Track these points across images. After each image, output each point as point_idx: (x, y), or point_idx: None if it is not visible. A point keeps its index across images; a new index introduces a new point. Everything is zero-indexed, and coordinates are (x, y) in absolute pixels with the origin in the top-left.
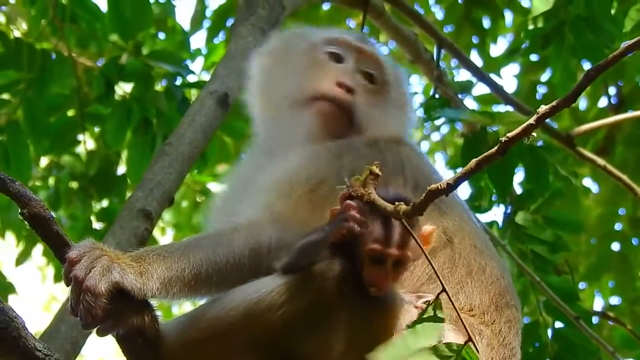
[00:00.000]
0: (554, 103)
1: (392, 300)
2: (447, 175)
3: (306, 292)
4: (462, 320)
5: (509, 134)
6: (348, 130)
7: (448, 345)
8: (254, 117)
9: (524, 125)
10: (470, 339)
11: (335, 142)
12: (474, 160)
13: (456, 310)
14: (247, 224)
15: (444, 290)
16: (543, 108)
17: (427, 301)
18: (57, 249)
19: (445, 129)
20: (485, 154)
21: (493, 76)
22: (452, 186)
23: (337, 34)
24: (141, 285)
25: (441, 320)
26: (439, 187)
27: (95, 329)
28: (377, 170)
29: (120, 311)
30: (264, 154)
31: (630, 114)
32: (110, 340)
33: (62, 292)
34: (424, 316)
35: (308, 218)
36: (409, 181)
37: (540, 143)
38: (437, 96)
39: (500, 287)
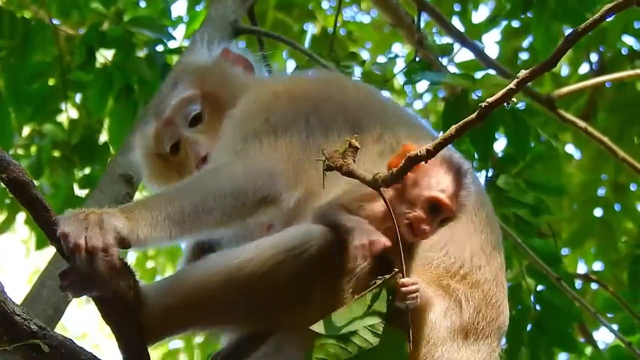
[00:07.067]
0: (534, 67)
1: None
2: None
3: (289, 262)
4: (407, 310)
5: (489, 99)
6: None
7: (385, 328)
8: None
9: (504, 90)
10: (408, 327)
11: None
12: (453, 127)
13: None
14: (214, 165)
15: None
16: (523, 72)
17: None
18: (37, 214)
19: (427, 97)
20: (465, 120)
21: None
22: (432, 152)
23: (148, 134)
24: (130, 228)
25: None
26: (419, 154)
27: (70, 291)
28: (356, 143)
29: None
30: None
31: (610, 75)
32: (94, 315)
33: (45, 263)
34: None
35: (274, 142)
36: None
37: (521, 106)
38: (418, 59)
39: (484, 221)
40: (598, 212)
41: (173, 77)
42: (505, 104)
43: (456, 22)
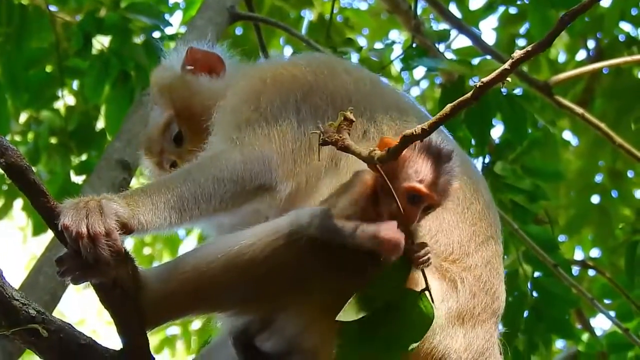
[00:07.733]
0: (528, 48)
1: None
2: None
3: (289, 247)
4: (423, 272)
5: (484, 79)
6: None
7: (406, 295)
8: None
9: (499, 70)
10: (427, 288)
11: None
12: (448, 106)
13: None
14: (211, 153)
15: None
16: (518, 52)
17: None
18: (35, 199)
19: (425, 83)
20: (460, 99)
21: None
22: (427, 131)
23: (150, 165)
24: (131, 213)
25: (405, 274)
26: (414, 133)
27: (69, 278)
28: (351, 116)
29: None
30: None
31: (608, 62)
32: (92, 302)
33: (42, 250)
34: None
35: (268, 130)
36: None
37: (519, 92)
38: (414, 46)
39: (478, 213)
40: (595, 198)
41: (150, 97)
42: (501, 85)
43: (453, 8)
